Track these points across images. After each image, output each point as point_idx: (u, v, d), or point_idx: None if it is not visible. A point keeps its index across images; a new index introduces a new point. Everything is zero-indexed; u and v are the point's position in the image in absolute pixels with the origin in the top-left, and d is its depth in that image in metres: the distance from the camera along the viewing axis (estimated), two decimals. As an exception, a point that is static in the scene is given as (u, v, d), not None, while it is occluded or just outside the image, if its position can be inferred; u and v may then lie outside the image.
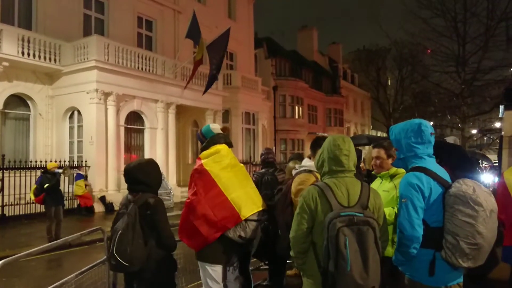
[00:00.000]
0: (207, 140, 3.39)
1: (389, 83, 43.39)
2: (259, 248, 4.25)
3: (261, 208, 3.24)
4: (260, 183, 4.86)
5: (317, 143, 3.43)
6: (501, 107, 6.56)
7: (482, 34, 25.25)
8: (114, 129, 14.52)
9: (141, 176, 3.02)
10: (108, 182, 14.23)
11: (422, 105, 34.14)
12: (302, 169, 3.43)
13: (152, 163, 3.18)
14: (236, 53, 24.00)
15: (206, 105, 18.60)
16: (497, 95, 21.66)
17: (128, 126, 15.73)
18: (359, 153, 5.95)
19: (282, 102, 28.75)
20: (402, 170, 3.04)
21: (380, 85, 40.07)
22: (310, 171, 3.35)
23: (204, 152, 3.33)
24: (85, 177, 13.21)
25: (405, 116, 37.78)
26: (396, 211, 2.96)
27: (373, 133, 41.87)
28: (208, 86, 15.25)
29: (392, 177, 3.32)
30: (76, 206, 13.03)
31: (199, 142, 3.51)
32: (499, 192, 3.85)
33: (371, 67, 39.91)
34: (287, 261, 4.65)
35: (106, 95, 14.18)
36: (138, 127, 16.41)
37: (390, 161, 3.48)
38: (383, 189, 3.32)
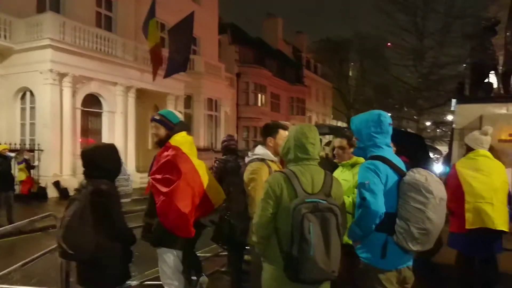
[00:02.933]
0: (175, 127, 3.31)
1: (350, 75, 44.33)
2: (218, 234, 4.30)
3: (225, 197, 3.35)
4: (224, 170, 4.82)
5: (267, 130, 3.46)
6: (453, 101, 6.88)
7: (440, 30, 26.30)
8: (70, 111, 13.95)
9: (98, 161, 2.89)
10: (63, 167, 13.71)
11: (381, 97, 35.27)
12: (254, 157, 3.40)
13: (111, 148, 3.03)
14: (200, 38, 23.55)
15: (167, 90, 18.21)
16: (451, 89, 22.67)
17: (85, 109, 15.16)
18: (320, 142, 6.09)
19: (245, 90, 28.69)
20: (361, 160, 3.12)
21: (342, 76, 40.87)
22: (262, 160, 3.34)
23: (178, 139, 3.24)
24: (26, 161, 12.03)
25: (365, 107, 38.84)
26: (351, 201, 3.05)
27: (333, 123, 42.78)
28: (171, 71, 14.87)
29: (352, 166, 3.40)
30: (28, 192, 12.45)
31: (162, 126, 3.34)
32: (450, 182, 4.03)
33: (335, 58, 40.53)
34: (246, 247, 4.68)
35: (62, 76, 13.56)
36: (96, 110, 15.85)
37: (351, 150, 3.57)
38: (343, 178, 3.38)
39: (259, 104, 29.56)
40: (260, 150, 3.42)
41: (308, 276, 2.19)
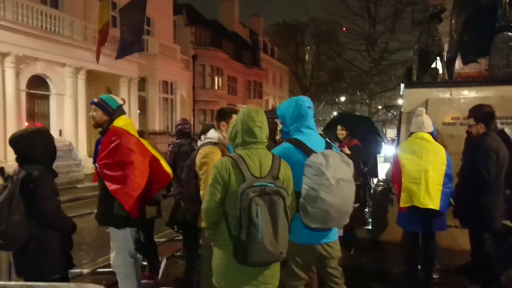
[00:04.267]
0: (115, 111, 3.31)
1: (307, 59, 44.84)
2: (173, 218, 4.30)
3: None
4: (178, 154, 4.77)
5: (221, 115, 3.46)
6: (402, 85, 7.14)
7: (391, 16, 27.13)
8: (13, 94, 13.16)
9: (24, 147, 2.79)
10: (7, 153, 12.94)
11: (336, 81, 36.12)
12: (207, 141, 3.39)
13: (40, 133, 2.92)
14: (154, 19, 22.79)
15: (120, 72, 17.59)
16: (400, 74, 23.56)
17: (31, 91, 14.35)
18: (275, 125, 6.14)
19: (202, 72, 28.29)
20: None
21: (298, 60, 41.28)
22: (215, 144, 3.34)
23: (123, 122, 3.26)
24: None
25: (320, 90, 39.66)
26: None
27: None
28: (123, 52, 14.31)
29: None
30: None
31: (100, 110, 3.31)
32: (394, 164, 4.24)
33: (291, 41, 40.78)
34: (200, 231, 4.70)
35: (3, 55, 12.73)
36: (43, 92, 15.05)
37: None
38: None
39: (216, 87, 29.29)
40: (213, 134, 3.41)
41: (257, 259, 2.23)
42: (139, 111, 20.03)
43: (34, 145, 2.81)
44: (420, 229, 3.97)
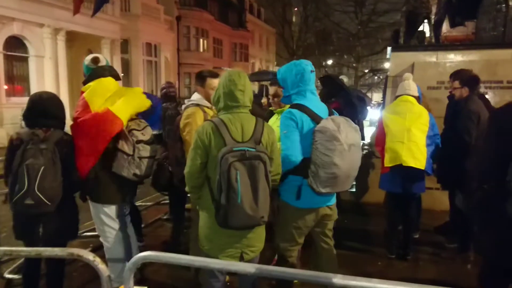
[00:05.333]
0: (88, 75, 3.19)
1: (294, 20, 43.88)
2: (159, 182, 4.30)
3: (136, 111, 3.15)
4: (163, 118, 4.72)
5: (197, 78, 3.45)
6: (389, 48, 7.08)
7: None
8: (-10, 56, 12.66)
9: (55, 109, 2.85)
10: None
11: (323, 44, 35.62)
12: (190, 103, 3.41)
13: (58, 97, 3.03)
14: (135, -24, 21.88)
15: (101, 33, 17.01)
16: (388, 37, 23.35)
17: (8, 53, 13.81)
18: (264, 89, 6.08)
19: (186, 34, 27.53)
20: None
21: (285, 22, 40.30)
22: (198, 105, 3.34)
23: (86, 86, 3.12)
24: None
25: (307, 53, 39.15)
26: None
27: (276, 69, 42.76)
28: (98, 7, 13.74)
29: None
30: None
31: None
32: (379, 126, 4.28)
33: (277, 2, 39.68)
34: (188, 195, 4.73)
35: (-23, 15, 12.11)
36: (21, 54, 14.51)
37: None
38: (278, 125, 3.47)
39: (201, 49, 28.64)
40: (195, 96, 3.43)
41: (237, 222, 2.26)
42: (122, 74, 19.58)
43: (62, 108, 2.93)
44: (402, 190, 4.07)
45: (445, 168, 4.21)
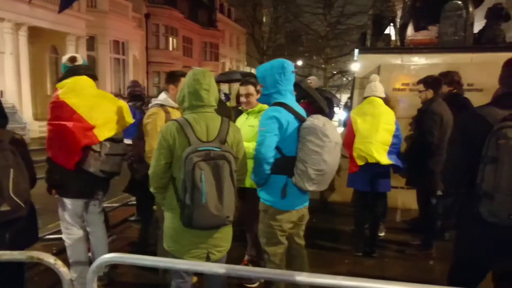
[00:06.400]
0: (64, 72, 3.18)
1: (264, 21, 44.03)
2: (129, 182, 4.26)
3: (118, 131, 3.20)
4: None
5: (169, 77, 3.43)
6: (356, 50, 7.23)
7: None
8: None
9: (1, 107, 2.64)
10: None
11: (293, 44, 35.97)
12: (154, 103, 3.43)
13: None
14: (102, -28, 21.34)
15: (66, 29, 16.47)
16: (356, 39, 23.86)
17: (-35, 48, 13.18)
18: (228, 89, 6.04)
19: (156, 32, 27.09)
20: (266, 106, 3.20)
21: (255, 22, 40.39)
22: (161, 105, 3.34)
23: (60, 83, 3.11)
24: None
25: (277, 54, 39.35)
26: None
27: (247, 69, 42.80)
28: (65, 3, 13.33)
29: (258, 113, 3.47)
30: None
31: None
32: (348, 128, 4.37)
33: (248, 2, 39.72)
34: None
35: None
36: (-21, 50, 13.86)
37: (258, 97, 3.63)
38: (249, 124, 3.47)
39: (171, 48, 28.26)
40: (161, 96, 3.42)
41: (202, 222, 2.25)
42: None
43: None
44: (370, 189, 4.18)
45: (411, 166, 4.36)
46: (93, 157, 3.02)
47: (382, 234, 4.83)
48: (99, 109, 3.08)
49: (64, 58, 3.33)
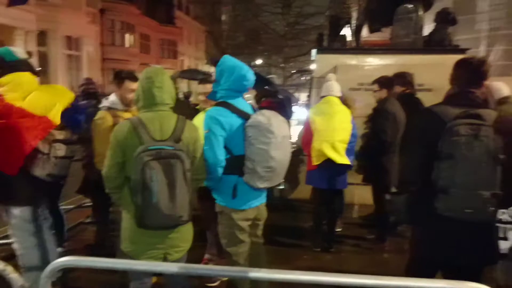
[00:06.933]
0: (3, 66, 2.90)
1: (223, 18, 43.85)
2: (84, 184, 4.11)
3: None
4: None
5: (118, 77, 3.37)
6: (314, 50, 7.38)
7: (306, -20, 27.51)
8: None
9: None
10: None
11: (252, 43, 36.07)
12: (103, 104, 3.38)
13: None
14: (53, -36, 20.39)
15: (14, 23, 15.61)
16: (313, 39, 24.28)
17: None
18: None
19: (111, 28, 26.25)
20: None
21: (215, 19, 40.18)
22: (109, 108, 3.30)
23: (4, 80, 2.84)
24: None
25: (237, 52, 39.35)
26: None
27: (207, 68, 42.44)
28: None
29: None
30: None
31: None
32: (305, 127, 4.46)
33: (207, -1, 39.42)
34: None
35: None
36: None
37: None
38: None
39: (127, 44, 27.50)
40: (110, 98, 3.37)
41: (154, 222, 2.23)
42: (40, 69, 18.15)
43: None
44: (328, 186, 4.29)
45: (366, 164, 4.52)
46: (41, 159, 2.81)
47: (339, 229, 4.97)
48: (41, 98, 2.86)
49: (18, 51, 3.06)
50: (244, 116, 2.70)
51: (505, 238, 2.49)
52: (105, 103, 3.34)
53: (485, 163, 2.09)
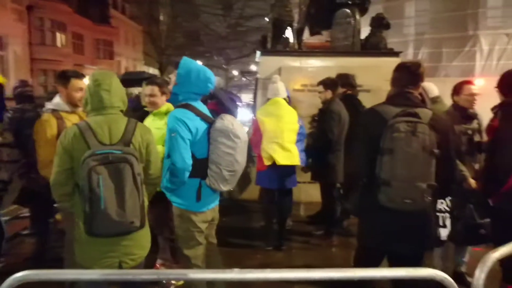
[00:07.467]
0: None
1: (162, 19, 42.88)
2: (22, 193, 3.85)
3: None
4: (21, 121, 4.15)
5: (60, 78, 3.23)
6: (258, 52, 7.47)
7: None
8: None
9: None
10: None
11: (193, 44, 35.67)
12: (47, 107, 3.23)
13: None
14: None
15: None
16: (255, 41, 24.56)
17: None
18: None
19: (40, 27, 24.57)
20: (173, 107, 3.16)
21: (152, 20, 39.15)
22: (54, 110, 3.15)
23: None
24: None
25: (177, 53, 38.68)
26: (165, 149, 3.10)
27: (145, 69, 41.27)
28: None
29: (166, 114, 3.40)
30: None
31: None
32: (254, 128, 4.52)
33: (144, -1, 38.33)
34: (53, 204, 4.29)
35: None
36: None
37: (164, 98, 3.56)
38: (156, 126, 3.37)
39: (59, 44, 25.94)
40: (54, 100, 3.20)
41: (103, 230, 2.14)
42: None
43: None
44: (278, 186, 4.38)
45: (314, 162, 4.68)
46: None
47: (288, 227, 5.09)
48: None
49: None
50: (207, 120, 2.71)
51: (444, 226, 2.72)
52: (48, 105, 3.15)
53: (422, 157, 2.28)
